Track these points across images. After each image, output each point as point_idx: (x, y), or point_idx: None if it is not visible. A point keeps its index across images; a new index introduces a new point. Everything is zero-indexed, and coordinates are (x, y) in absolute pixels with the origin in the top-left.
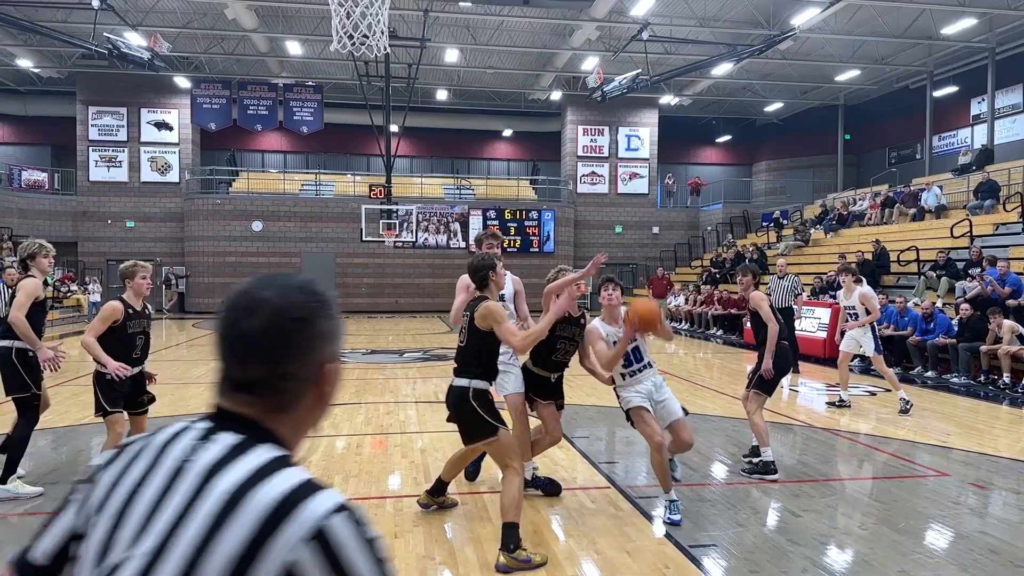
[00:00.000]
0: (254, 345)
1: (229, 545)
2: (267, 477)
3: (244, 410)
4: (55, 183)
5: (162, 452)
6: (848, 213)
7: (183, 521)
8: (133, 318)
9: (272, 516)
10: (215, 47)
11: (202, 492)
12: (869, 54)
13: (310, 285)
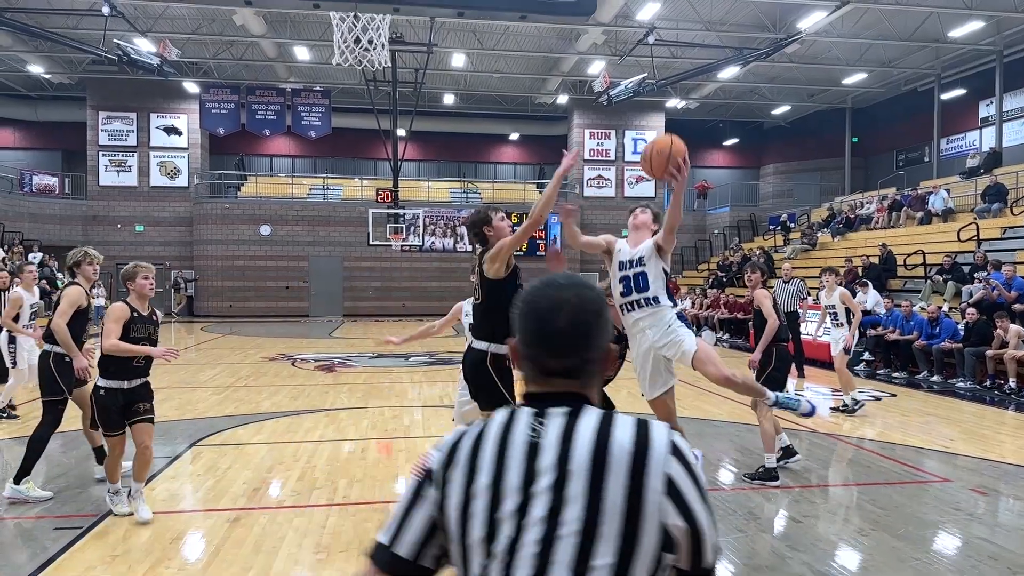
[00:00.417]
0: (565, 339)
1: (619, 473)
2: (613, 422)
3: (560, 389)
4: (65, 188)
5: (504, 438)
6: (855, 216)
7: (567, 476)
8: (138, 322)
9: (640, 443)
10: (224, 53)
11: (571, 449)
12: (876, 57)
13: (590, 282)
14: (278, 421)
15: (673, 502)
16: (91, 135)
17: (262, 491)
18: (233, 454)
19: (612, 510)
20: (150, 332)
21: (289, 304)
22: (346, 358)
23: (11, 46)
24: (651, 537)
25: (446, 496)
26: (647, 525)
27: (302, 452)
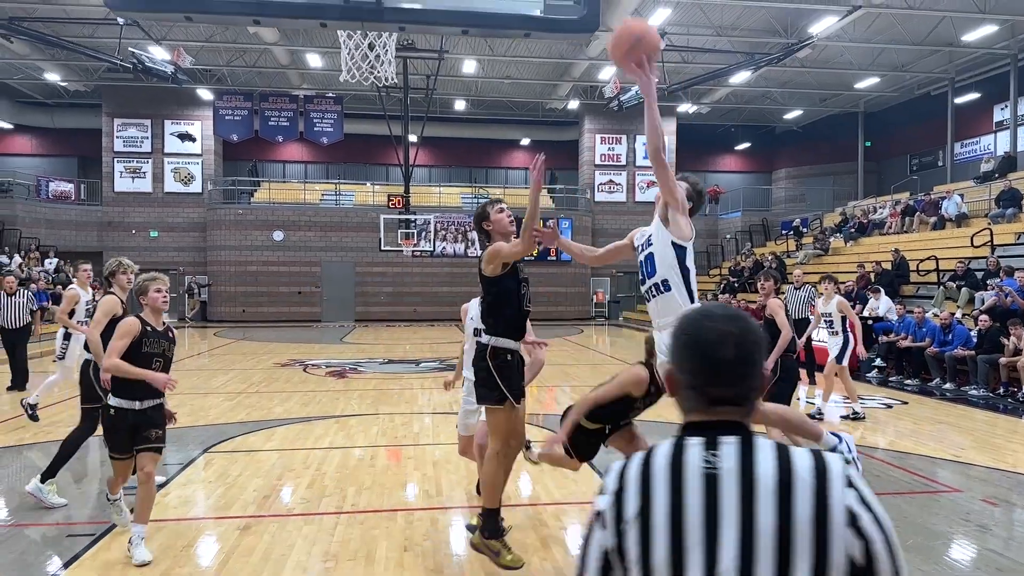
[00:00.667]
0: (733, 369)
1: (804, 504)
2: (790, 453)
3: (727, 418)
4: (81, 194)
5: (677, 470)
6: (868, 221)
7: (753, 507)
8: (151, 337)
9: (819, 474)
10: (237, 60)
11: (754, 480)
12: (889, 61)
13: (743, 313)
14: (289, 427)
15: (856, 534)
16: (106, 142)
17: (272, 498)
18: (244, 461)
19: (802, 541)
20: (164, 348)
21: (301, 309)
22: (357, 364)
23: (29, 55)
24: (839, 570)
25: (622, 534)
26: (835, 556)
27: (312, 459)
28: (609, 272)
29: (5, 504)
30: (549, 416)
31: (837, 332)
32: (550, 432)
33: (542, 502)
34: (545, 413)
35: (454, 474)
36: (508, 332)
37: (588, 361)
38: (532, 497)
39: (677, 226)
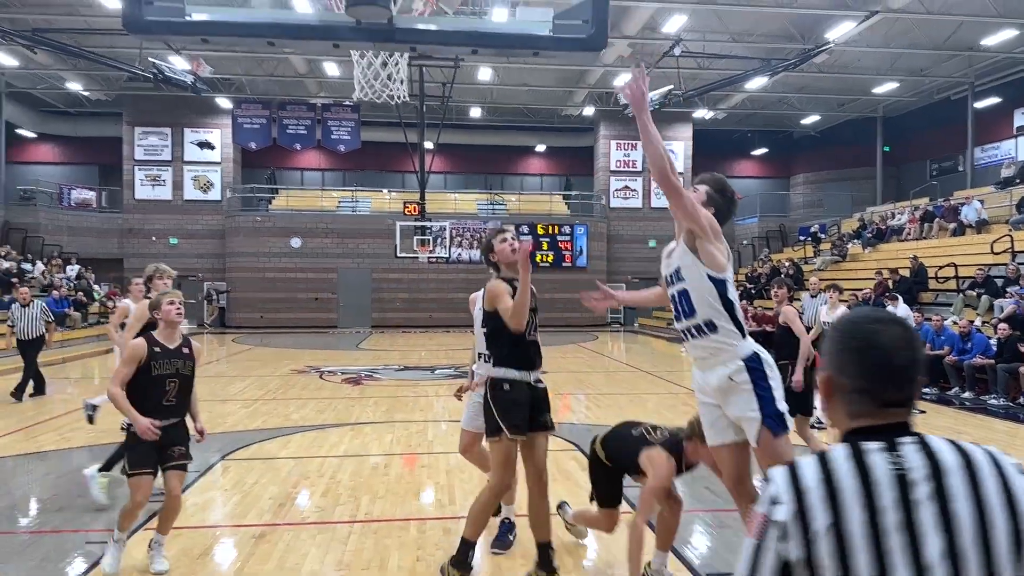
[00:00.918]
0: (909, 371)
1: (995, 501)
2: (966, 447)
3: (898, 420)
4: (102, 201)
5: (864, 474)
6: (886, 227)
7: (947, 499)
8: (160, 357)
9: (998, 465)
10: (255, 69)
11: (945, 479)
12: (907, 66)
13: (898, 316)
14: (304, 435)
15: None
16: (127, 150)
17: (287, 507)
18: (260, 468)
19: (999, 529)
20: (178, 367)
21: (318, 315)
22: (372, 371)
23: (51, 65)
24: None
25: (812, 545)
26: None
27: (327, 467)
28: (624, 278)
29: (25, 511)
30: (563, 424)
31: None
32: (566, 442)
33: (552, 512)
34: (559, 422)
35: (468, 483)
36: (510, 362)
37: (603, 368)
38: None
39: (710, 256)
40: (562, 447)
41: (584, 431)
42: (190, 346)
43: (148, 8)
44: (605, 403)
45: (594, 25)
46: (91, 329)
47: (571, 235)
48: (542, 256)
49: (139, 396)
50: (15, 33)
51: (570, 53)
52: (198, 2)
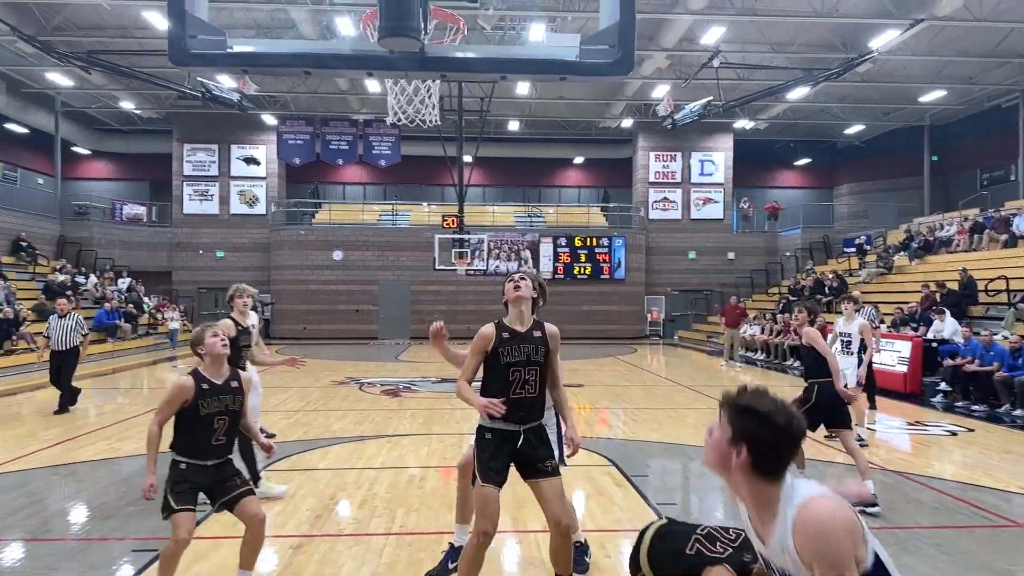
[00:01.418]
0: None
1: None
2: None
3: None
4: (152, 216)
5: None
6: (934, 239)
7: None
8: (208, 395)
9: None
10: (299, 86)
11: None
12: (955, 74)
13: None
14: (343, 446)
15: None
16: (176, 166)
17: (324, 518)
18: (300, 479)
19: None
20: (227, 404)
21: (359, 327)
22: (411, 382)
23: (105, 85)
24: None
25: None
26: None
27: (364, 479)
28: (664, 290)
29: (73, 519)
30: (600, 439)
31: (853, 353)
32: (602, 457)
33: (586, 528)
34: (598, 436)
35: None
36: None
37: (641, 382)
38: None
39: None
40: (598, 463)
41: (619, 446)
42: (239, 379)
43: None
44: (642, 417)
45: (620, 50)
46: (141, 340)
47: (609, 247)
48: (579, 268)
49: (186, 436)
50: (72, 55)
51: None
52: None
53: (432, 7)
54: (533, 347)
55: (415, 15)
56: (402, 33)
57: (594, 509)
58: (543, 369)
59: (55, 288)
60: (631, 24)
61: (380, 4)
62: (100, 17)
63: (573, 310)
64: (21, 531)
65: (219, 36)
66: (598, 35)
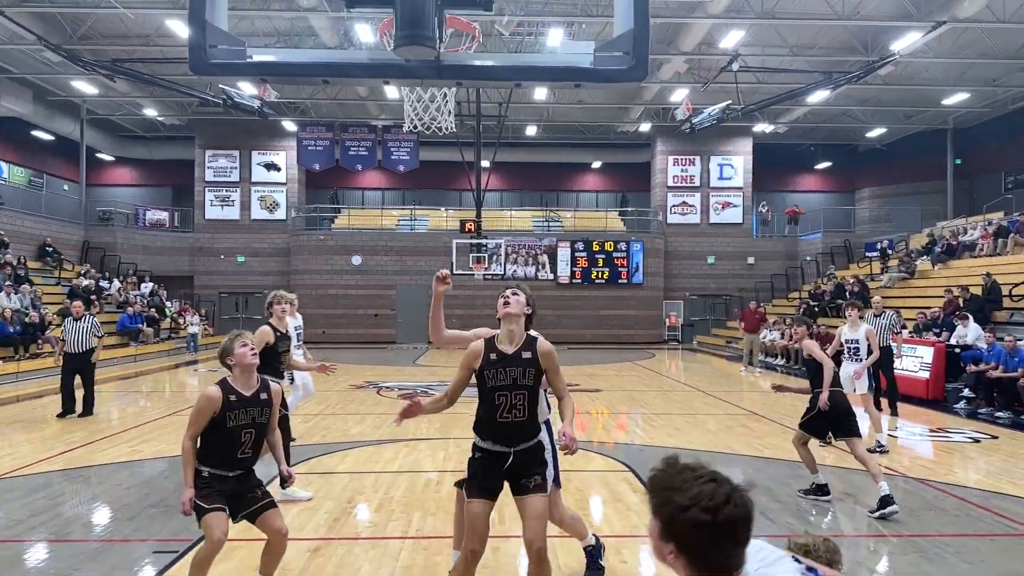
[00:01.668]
0: None
1: None
2: None
3: None
4: (175, 221)
5: None
6: (957, 243)
7: None
8: (236, 407)
9: None
10: (319, 93)
11: None
12: (978, 76)
13: None
14: (361, 450)
15: None
16: (198, 172)
17: (342, 521)
18: (318, 483)
19: None
20: (255, 416)
21: (377, 331)
22: (428, 387)
23: (129, 92)
24: None
25: None
26: None
27: (381, 483)
28: (682, 295)
29: (95, 522)
30: (620, 445)
31: (861, 360)
32: (618, 463)
33: (603, 534)
34: (616, 442)
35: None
36: (478, 429)
37: (658, 387)
38: (594, 530)
39: None
40: (614, 468)
41: (636, 452)
42: (268, 390)
43: (212, 51)
44: (660, 423)
45: (634, 57)
46: (163, 344)
47: (627, 251)
48: (597, 273)
49: (211, 447)
50: (97, 63)
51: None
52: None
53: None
54: (520, 370)
55: (430, 24)
56: (418, 42)
57: (610, 515)
58: (532, 393)
59: (79, 292)
60: (645, 31)
61: (396, 14)
62: (124, 26)
63: (590, 315)
64: (45, 532)
65: (239, 45)
66: (612, 42)
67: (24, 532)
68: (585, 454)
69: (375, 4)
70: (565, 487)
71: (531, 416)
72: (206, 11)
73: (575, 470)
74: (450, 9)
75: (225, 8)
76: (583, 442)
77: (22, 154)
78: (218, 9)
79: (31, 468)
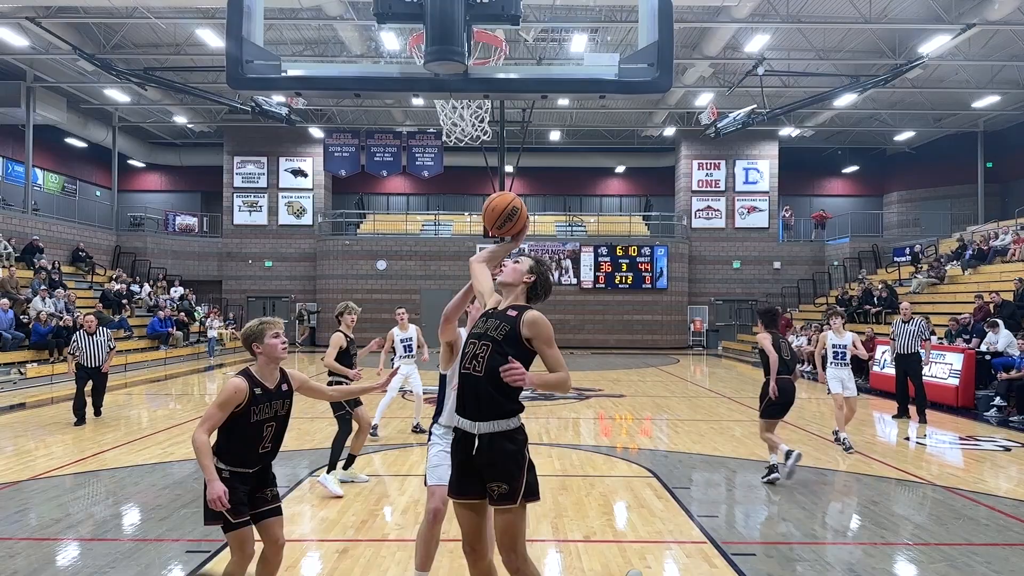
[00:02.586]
0: None
1: None
2: None
3: None
4: (204, 227)
5: None
6: (988, 248)
7: None
8: (260, 401)
9: None
10: (345, 100)
11: None
12: (1010, 78)
13: None
14: (387, 453)
15: None
16: (227, 178)
17: (369, 523)
18: (346, 485)
19: None
20: (276, 410)
21: None
22: None
23: (160, 100)
24: None
25: None
26: None
27: (407, 485)
28: (707, 300)
29: (129, 521)
30: (644, 452)
31: (847, 364)
32: (643, 469)
33: (627, 539)
34: (640, 448)
35: (541, 506)
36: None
37: (683, 393)
38: (618, 535)
39: None
40: (638, 474)
41: (661, 458)
42: (288, 381)
43: (249, 66)
44: (684, 429)
45: (659, 68)
46: (193, 348)
47: (651, 256)
48: (621, 278)
49: (232, 443)
50: (130, 72)
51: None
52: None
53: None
54: (496, 321)
55: (460, 40)
56: (447, 57)
57: (635, 520)
58: (496, 347)
59: (111, 297)
60: (670, 42)
61: (427, 31)
62: (155, 35)
63: (615, 319)
64: (79, 531)
65: (274, 60)
66: (637, 54)
67: (60, 531)
68: (609, 459)
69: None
70: (589, 492)
71: (491, 376)
72: (243, 27)
73: (599, 476)
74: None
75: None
76: (607, 447)
77: (56, 161)
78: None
79: (66, 469)
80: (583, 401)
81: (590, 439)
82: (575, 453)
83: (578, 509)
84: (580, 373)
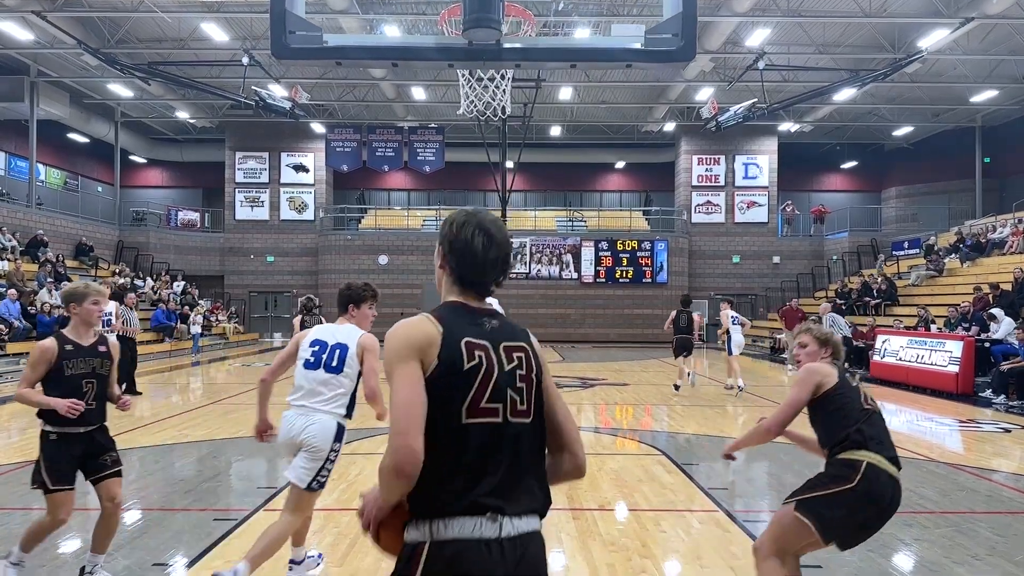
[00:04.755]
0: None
1: None
2: None
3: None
4: (205, 222)
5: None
6: (986, 241)
7: None
8: (73, 356)
9: None
10: (348, 95)
11: None
12: (1008, 73)
13: None
14: None
15: None
16: (228, 173)
17: None
18: (362, 463)
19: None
20: (95, 366)
21: None
22: None
23: (163, 95)
24: None
25: None
26: None
27: None
28: (707, 294)
29: (155, 493)
30: (646, 432)
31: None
32: (649, 446)
33: (640, 507)
34: (645, 429)
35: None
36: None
37: (686, 383)
38: (632, 503)
39: None
40: (647, 452)
41: (668, 438)
42: (107, 343)
43: (292, 37)
44: (689, 414)
45: (683, 38)
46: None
47: (651, 251)
48: (621, 272)
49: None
50: (133, 67)
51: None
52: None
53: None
54: None
55: (496, 7)
56: (483, 24)
57: (648, 492)
58: None
59: (115, 291)
60: (693, 13)
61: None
62: (160, 30)
63: (615, 314)
64: None
65: (315, 31)
66: (661, 25)
67: (88, 503)
68: (618, 439)
69: None
70: (600, 468)
71: None
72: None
73: (610, 453)
74: None
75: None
76: (617, 429)
77: (58, 156)
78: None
79: None
80: (587, 389)
81: (598, 422)
82: (583, 435)
83: (591, 482)
84: (583, 363)
